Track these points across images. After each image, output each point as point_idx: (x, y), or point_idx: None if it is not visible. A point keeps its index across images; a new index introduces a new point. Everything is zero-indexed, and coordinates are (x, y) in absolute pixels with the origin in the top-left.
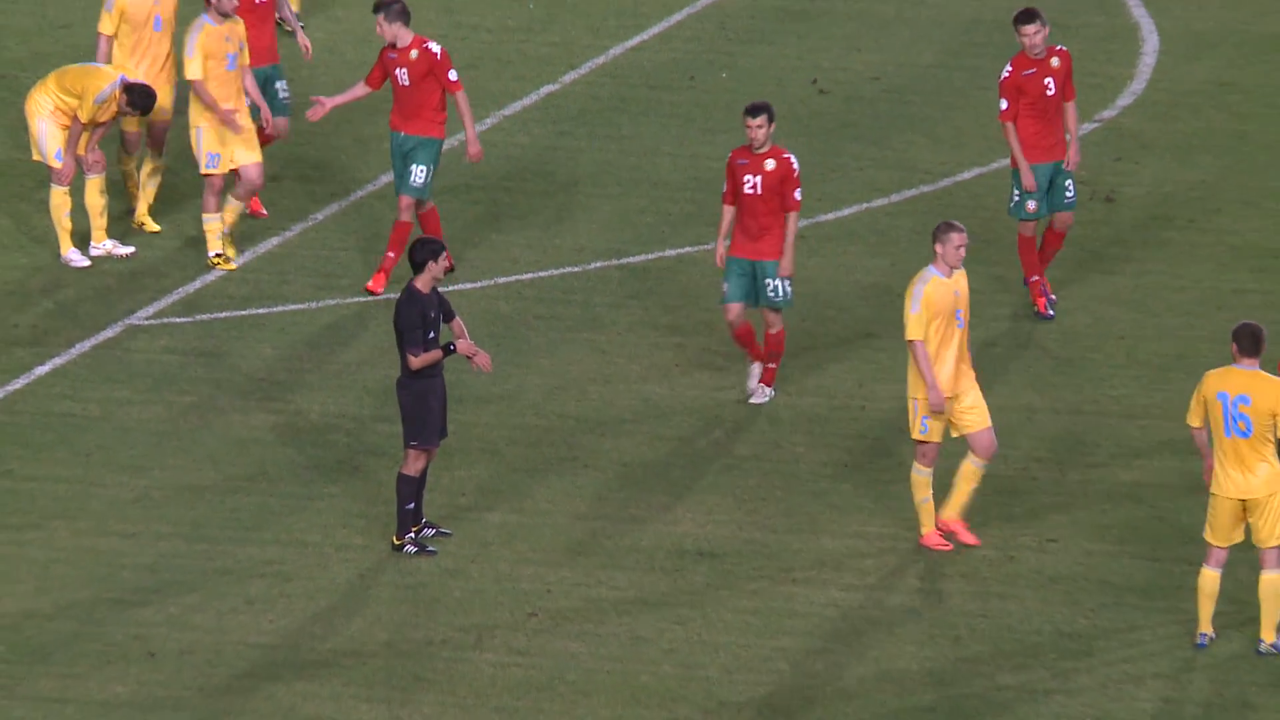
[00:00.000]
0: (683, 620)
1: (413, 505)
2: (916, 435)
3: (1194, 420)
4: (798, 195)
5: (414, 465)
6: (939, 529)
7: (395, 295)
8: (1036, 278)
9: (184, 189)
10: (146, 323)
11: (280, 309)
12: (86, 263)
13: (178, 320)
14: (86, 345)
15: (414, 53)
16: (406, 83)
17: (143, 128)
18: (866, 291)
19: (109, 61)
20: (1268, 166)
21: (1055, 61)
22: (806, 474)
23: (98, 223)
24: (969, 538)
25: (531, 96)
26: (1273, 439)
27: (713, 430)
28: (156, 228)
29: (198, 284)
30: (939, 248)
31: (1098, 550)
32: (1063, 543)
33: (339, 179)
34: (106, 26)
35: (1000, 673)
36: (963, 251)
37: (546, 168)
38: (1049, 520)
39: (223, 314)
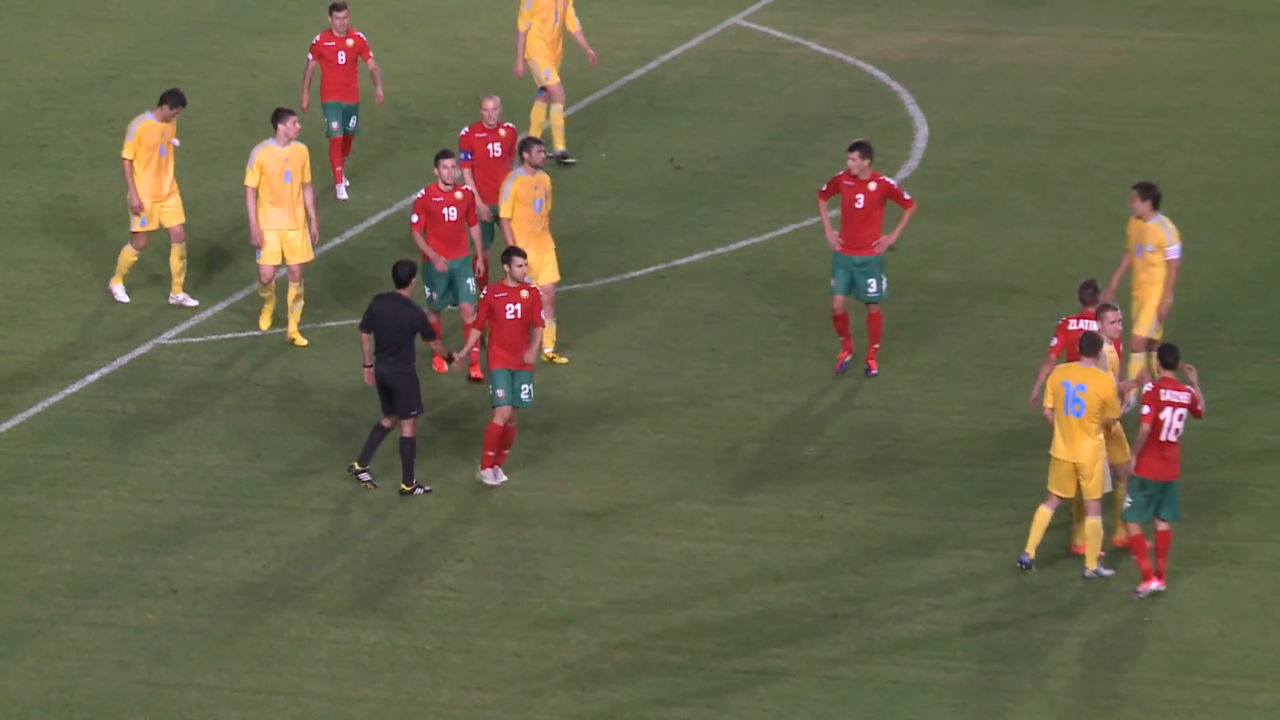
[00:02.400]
0: (573, 564)
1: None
2: None
3: (1047, 403)
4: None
5: (410, 429)
6: None
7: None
8: (842, 339)
9: (200, 251)
10: (171, 342)
11: (272, 332)
12: (125, 299)
13: (194, 340)
14: (125, 359)
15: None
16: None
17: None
18: (710, 318)
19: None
20: (1008, 224)
21: (873, 185)
22: (659, 454)
23: (176, 280)
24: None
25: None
26: (1099, 421)
27: (595, 421)
28: (304, 342)
29: (208, 314)
30: None
31: (884, 510)
32: (858, 504)
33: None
34: (250, 179)
35: (811, 604)
36: None
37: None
38: (848, 489)
39: (228, 335)
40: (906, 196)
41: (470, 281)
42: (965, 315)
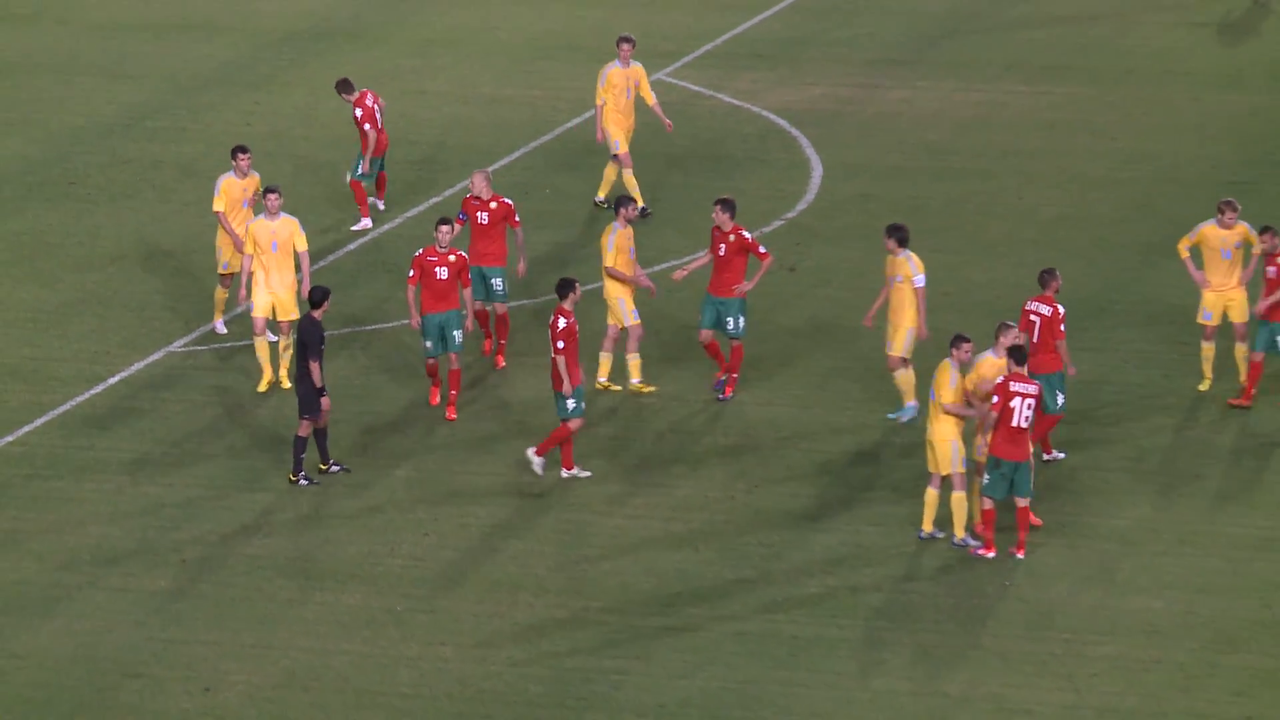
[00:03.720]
0: (521, 538)
1: (305, 454)
2: None
3: (946, 397)
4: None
5: (305, 430)
6: None
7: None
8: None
9: (208, 276)
10: (180, 350)
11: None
12: (224, 331)
13: (200, 348)
14: (140, 365)
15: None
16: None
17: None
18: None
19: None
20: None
21: (733, 237)
22: (594, 444)
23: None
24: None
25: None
26: (943, 407)
27: (540, 415)
28: (289, 385)
29: (208, 328)
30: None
31: (785, 492)
32: (763, 487)
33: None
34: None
35: (724, 571)
36: None
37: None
38: (755, 473)
39: (228, 344)
40: (762, 250)
41: (458, 334)
42: (855, 324)
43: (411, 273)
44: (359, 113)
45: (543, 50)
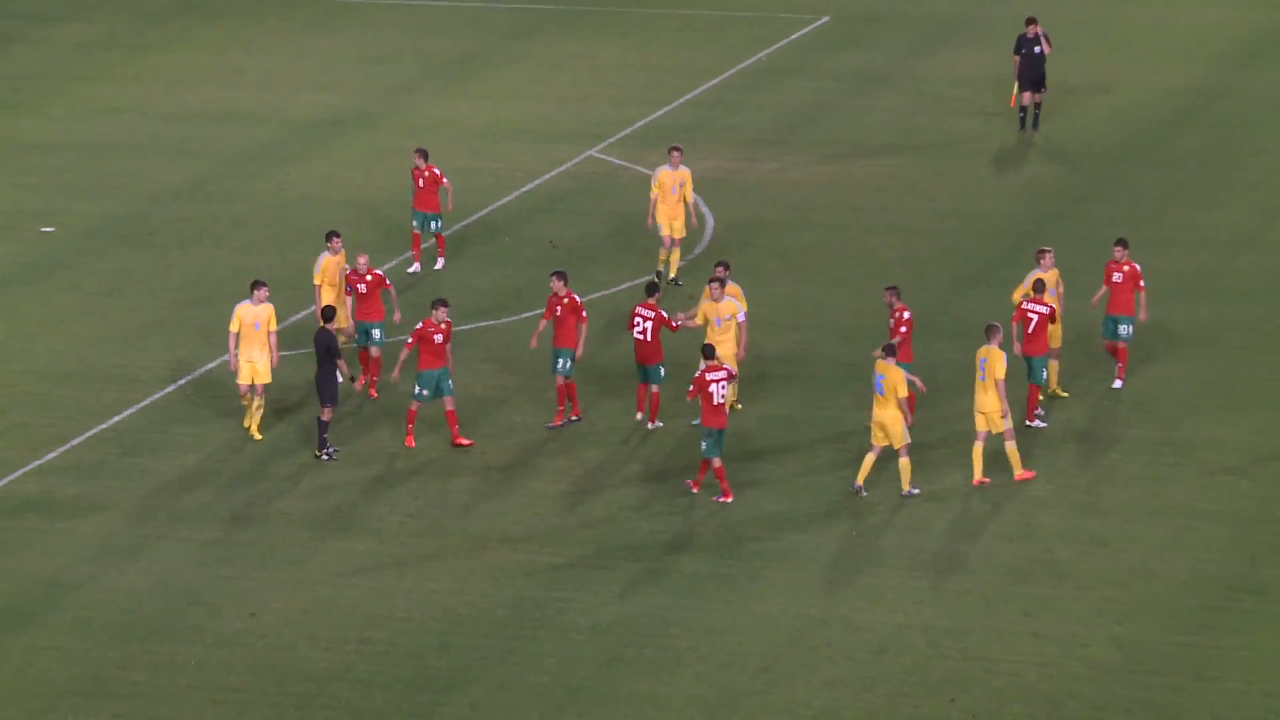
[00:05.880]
0: (490, 501)
1: (327, 435)
2: None
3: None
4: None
5: (327, 415)
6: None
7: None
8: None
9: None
10: (192, 380)
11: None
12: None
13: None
14: (202, 370)
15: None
16: None
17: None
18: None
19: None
20: (765, 284)
21: (566, 300)
22: (551, 433)
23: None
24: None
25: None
26: (894, 397)
27: (501, 410)
28: (260, 437)
29: (213, 364)
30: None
31: (731, 466)
32: (677, 471)
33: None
34: (231, 326)
35: (669, 528)
36: None
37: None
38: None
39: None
40: (584, 314)
41: (449, 383)
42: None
43: (409, 339)
44: (438, 171)
45: (503, 134)
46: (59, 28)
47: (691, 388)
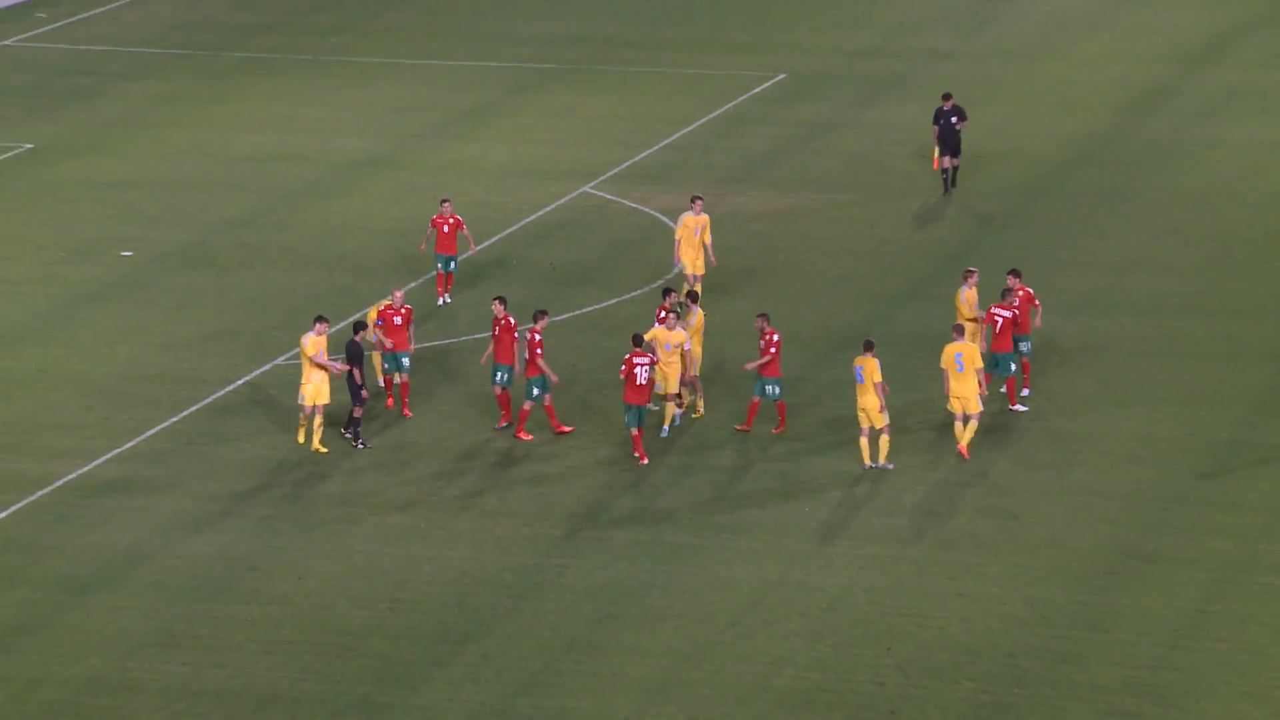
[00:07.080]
0: (499, 482)
1: (361, 428)
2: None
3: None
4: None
5: (359, 412)
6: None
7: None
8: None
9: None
10: (284, 363)
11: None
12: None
13: (298, 363)
14: (259, 372)
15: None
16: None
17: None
18: (568, 351)
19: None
20: (719, 301)
21: (504, 322)
22: (542, 425)
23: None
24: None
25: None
26: (874, 386)
27: (485, 410)
28: (325, 450)
29: (267, 367)
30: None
31: (675, 461)
32: (658, 458)
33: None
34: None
35: (627, 500)
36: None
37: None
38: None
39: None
40: (517, 335)
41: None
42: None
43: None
44: (460, 218)
45: (510, 172)
46: (137, 83)
47: (623, 368)
